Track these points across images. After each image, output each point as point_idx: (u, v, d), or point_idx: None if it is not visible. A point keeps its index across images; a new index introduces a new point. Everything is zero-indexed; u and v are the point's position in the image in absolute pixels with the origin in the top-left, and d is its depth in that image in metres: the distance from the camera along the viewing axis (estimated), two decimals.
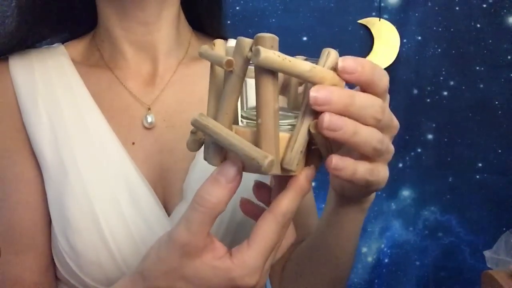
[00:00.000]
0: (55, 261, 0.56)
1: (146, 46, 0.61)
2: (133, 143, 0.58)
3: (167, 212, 0.56)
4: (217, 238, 0.39)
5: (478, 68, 1.42)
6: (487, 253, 1.07)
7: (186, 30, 0.65)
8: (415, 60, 1.42)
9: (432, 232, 1.47)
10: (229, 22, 1.32)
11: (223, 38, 0.64)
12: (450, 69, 1.43)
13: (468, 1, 1.40)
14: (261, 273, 0.38)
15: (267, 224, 0.37)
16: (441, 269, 1.47)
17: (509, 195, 1.42)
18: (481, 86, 1.42)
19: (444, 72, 1.43)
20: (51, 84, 0.58)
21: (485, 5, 1.39)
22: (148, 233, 0.54)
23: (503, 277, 0.95)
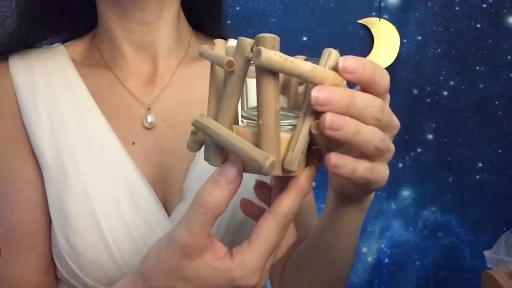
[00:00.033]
0: (55, 261, 0.56)
1: (146, 46, 0.61)
2: (133, 143, 0.57)
3: (167, 212, 0.56)
4: (217, 239, 0.39)
5: (478, 68, 1.41)
6: (487, 253, 1.07)
7: (186, 30, 0.65)
8: (415, 60, 1.42)
9: (432, 232, 1.46)
10: (229, 22, 1.32)
11: (223, 38, 0.64)
12: (450, 69, 1.42)
13: (468, 1, 1.39)
14: (262, 274, 0.38)
15: (268, 225, 0.37)
16: (441, 269, 1.46)
17: (509, 195, 1.42)
18: (481, 86, 1.42)
19: (444, 72, 1.43)
20: (51, 84, 0.58)
21: (485, 5, 1.39)
22: (148, 233, 0.54)
23: (503, 277, 0.95)
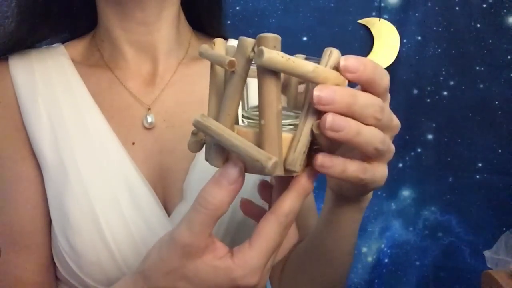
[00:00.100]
0: (55, 261, 0.56)
1: (146, 46, 0.61)
2: (133, 143, 0.57)
3: (167, 212, 0.56)
4: (217, 238, 0.39)
5: (478, 68, 1.41)
6: (487, 253, 1.08)
7: (186, 30, 0.65)
8: (415, 60, 1.42)
9: (432, 232, 1.46)
10: (229, 22, 1.32)
11: (223, 38, 0.64)
12: (450, 69, 1.42)
13: (468, 1, 1.39)
14: (262, 273, 0.38)
15: (269, 225, 0.37)
16: (441, 269, 1.46)
17: (509, 195, 1.42)
18: (481, 86, 1.42)
19: (444, 72, 1.43)
20: (51, 84, 0.58)
21: (485, 5, 1.39)
22: (148, 233, 0.54)
23: (503, 277, 0.95)
